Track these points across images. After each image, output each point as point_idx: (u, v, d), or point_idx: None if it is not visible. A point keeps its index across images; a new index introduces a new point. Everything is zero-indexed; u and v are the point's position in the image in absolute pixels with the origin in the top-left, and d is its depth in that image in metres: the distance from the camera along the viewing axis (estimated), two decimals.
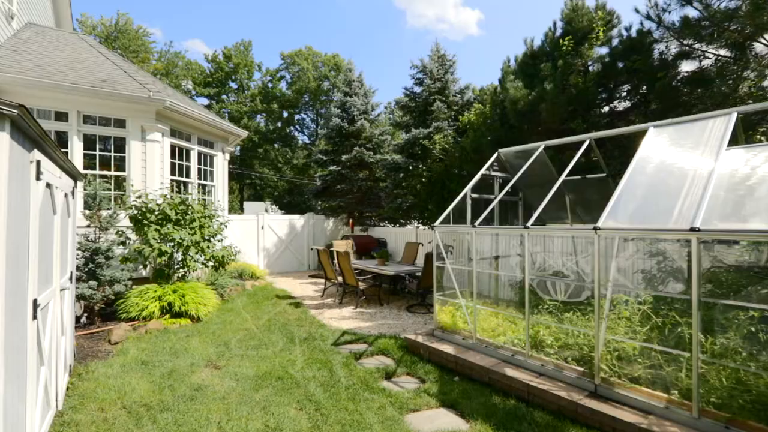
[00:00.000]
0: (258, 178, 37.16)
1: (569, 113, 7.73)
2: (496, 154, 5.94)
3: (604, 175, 5.39)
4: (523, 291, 5.92)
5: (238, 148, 38.00)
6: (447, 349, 4.59)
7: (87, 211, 5.56)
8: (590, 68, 8.20)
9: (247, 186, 38.49)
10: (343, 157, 13.67)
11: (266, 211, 32.52)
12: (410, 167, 11.45)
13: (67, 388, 3.67)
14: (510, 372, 3.85)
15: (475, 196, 5.70)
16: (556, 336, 4.04)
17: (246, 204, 36.73)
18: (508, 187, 4.88)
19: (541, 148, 5.24)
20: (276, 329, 6.04)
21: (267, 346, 5.24)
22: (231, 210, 27.15)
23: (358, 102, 14.20)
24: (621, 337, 3.38)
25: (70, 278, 3.70)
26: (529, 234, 3.94)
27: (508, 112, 8.48)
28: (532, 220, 3.99)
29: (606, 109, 8.27)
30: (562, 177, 4.38)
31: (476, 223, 4.57)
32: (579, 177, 5.49)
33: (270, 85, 39.37)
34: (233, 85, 39.27)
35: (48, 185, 2.65)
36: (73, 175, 3.72)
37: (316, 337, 5.66)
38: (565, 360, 3.73)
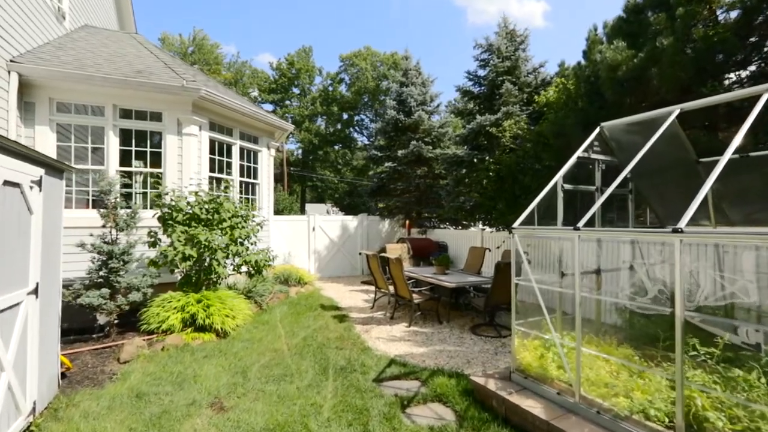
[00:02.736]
0: (319, 180, 37.53)
1: (692, 77, 5.77)
2: (597, 130, 4.33)
3: None
4: (639, 321, 4.23)
5: (301, 150, 38.75)
6: (533, 407, 3.14)
7: (103, 210, 4.98)
8: (720, 18, 6.15)
9: (309, 188, 39.07)
10: (400, 153, 12.48)
11: (327, 212, 32.53)
12: (474, 160, 9.90)
13: None
14: None
15: (568, 187, 4.15)
16: (730, 411, 2.43)
17: (308, 206, 37.23)
18: (626, 172, 3.28)
19: (674, 115, 3.56)
20: (310, 352, 4.98)
21: (293, 377, 4.18)
22: (291, 211, 27.32)
23: (415, 92, 12.95)
24: None
25: (35, 292, 2.92)
26: (683, 242, 2.38)
27: (602, 83, 6.66)
28: (686, 220, 2.43)
29: (746, 72, 6.12)
30: (728, 154, 2.72)
31: (581, 224, 3.06)
32: (737, 156, 3.67)
33: (330, 88, 39.66)
34: (296, 91, 40.19)
35: None
36: (40, 161, 2.94)
37: (355, 367, 4.49)
38: None
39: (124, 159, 6.80)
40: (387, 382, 4.16)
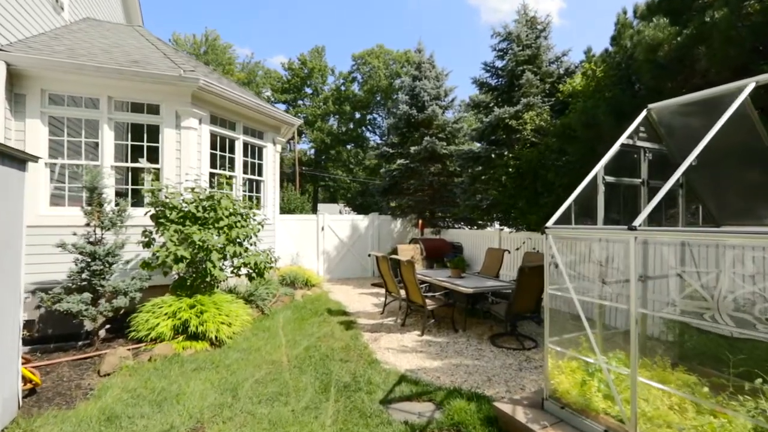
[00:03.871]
0: (331, 180, 37.16)
1: (748, 55, 5.06)
2: (643, 113, 3.70)
3: None
4: (692, 337, 3.58)
5: (313, 150, 38.41)
6: None
7: (87, 207, 4.57)
8: None
9: (321, 188, 38.74)
10: (412, 149, 11.92)
11: (339, 212, 32.08)
12: (492, 155, 9.26)
13: None
14: None
15: (610, 179, 3.54)
16: None
17: (320, 206, 36.86)
18: (691, 159, 2.66)
19: (748, 90, 2.91)
20: (311, 365, 4.47)
21: (289, 396, 3.67)
22: (302, 211, 26.97)
23: (428, 86, 12.36)
24: None
25: None
26: None
27: (639, 67, 5.97)
28: None
29: None
30: None
31: (637, 223, 2.46)
32: None
33: (343, 87, 39.27)
34: (308, 90, 39.94)
35: None
36: None
37: (361, 385, 3.96)
38: None
39: (121, 154, 6.43)
40: (396, 404, 3.62)
